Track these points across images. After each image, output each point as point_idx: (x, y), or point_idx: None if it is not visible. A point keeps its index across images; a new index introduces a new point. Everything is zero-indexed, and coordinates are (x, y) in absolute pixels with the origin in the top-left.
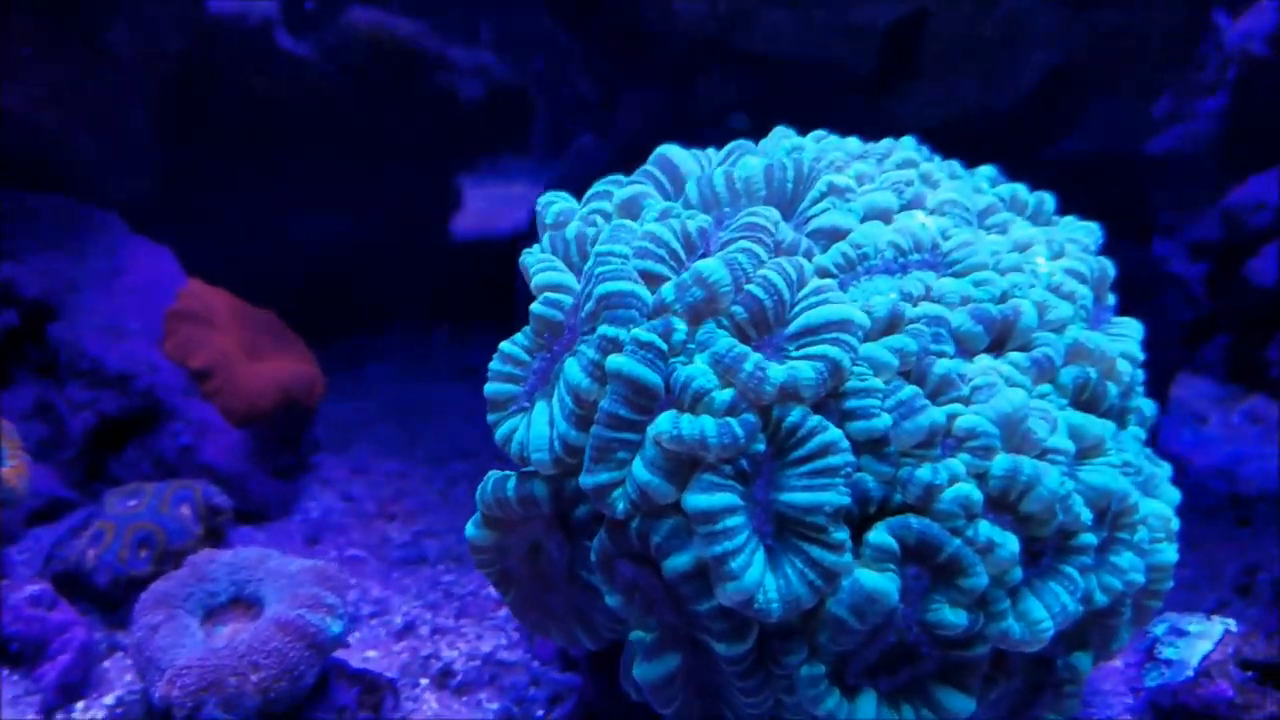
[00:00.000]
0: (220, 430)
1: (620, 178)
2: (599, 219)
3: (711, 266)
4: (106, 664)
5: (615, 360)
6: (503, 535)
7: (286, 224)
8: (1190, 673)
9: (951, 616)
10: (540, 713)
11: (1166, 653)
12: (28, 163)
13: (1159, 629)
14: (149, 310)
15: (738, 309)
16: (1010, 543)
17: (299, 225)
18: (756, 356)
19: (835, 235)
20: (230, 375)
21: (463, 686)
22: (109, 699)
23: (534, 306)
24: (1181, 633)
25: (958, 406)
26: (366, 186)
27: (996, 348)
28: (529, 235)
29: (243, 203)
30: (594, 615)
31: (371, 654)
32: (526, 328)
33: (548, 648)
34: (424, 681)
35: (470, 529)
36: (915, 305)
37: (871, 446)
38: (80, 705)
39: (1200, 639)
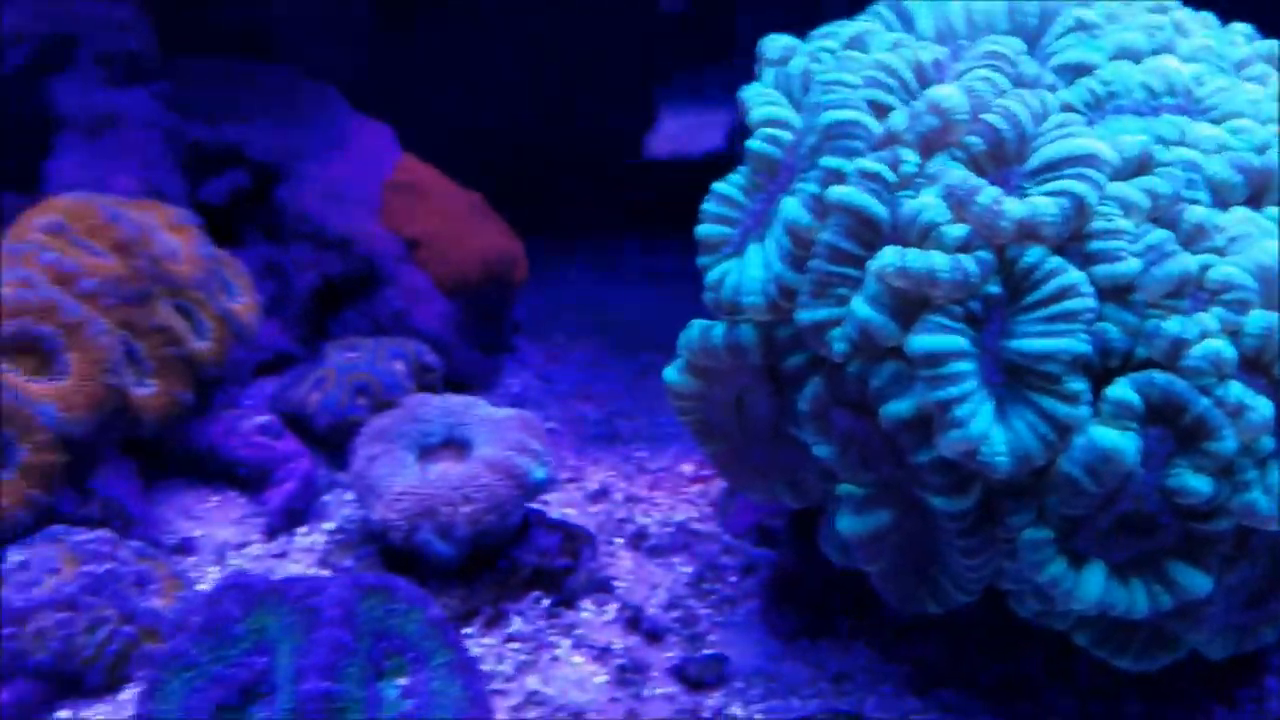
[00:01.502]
0: (430, 297)
1: (844, 22)
2: (826, 56)
3: (948, 93)
4: (326, 498)
5: (837, 191)
6: (706, 384)
7: (483, 121)
8: None
9: (1195, 483)
10: (734, 579)
11: None
12: (244, 37)
13: None
14: (367, 181)
15: (974, 139)
16: (1263, 407)
17: (493, 126)
18: (994, 190)
19: (1081, 71)
20: (441, 246)
21: (656, 549)
22: (329, 525)
23: (750, 143)
24: None
25: (1212, 257)
26: (561, 93)
27: (1253, 201)
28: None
29: (447, 95)
30: (801, 473)
31: (569, 511)
32: (742, 167)
33: (740, 522)
34: (619, 541)
35: (671, 374)
36: (1168, 150)
37: (1116, 294)
38: (302, 530)
39: None
